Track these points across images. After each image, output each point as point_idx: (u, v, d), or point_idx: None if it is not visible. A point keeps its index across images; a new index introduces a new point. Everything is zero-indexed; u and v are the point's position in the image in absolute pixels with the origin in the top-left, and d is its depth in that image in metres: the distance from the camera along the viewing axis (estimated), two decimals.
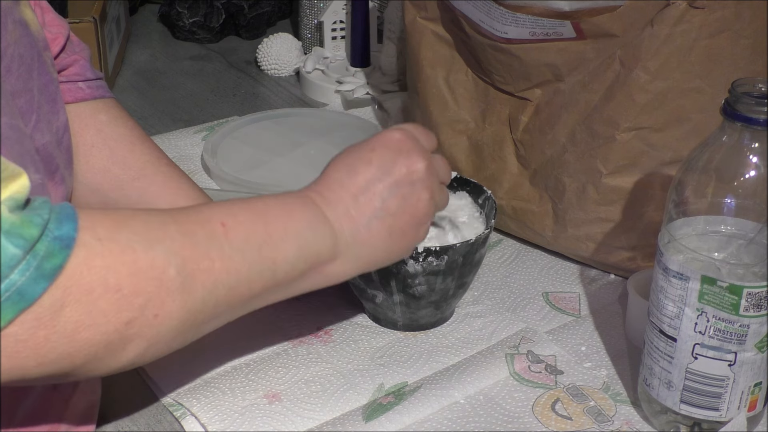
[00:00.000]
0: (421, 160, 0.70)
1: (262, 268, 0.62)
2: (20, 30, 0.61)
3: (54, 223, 0.50)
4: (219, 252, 0.59)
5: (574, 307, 0.88)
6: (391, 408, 0.74)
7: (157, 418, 0.75)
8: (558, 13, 0.83)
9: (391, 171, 0.69)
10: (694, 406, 0.69)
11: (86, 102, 0.80)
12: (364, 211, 0.68)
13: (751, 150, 0.64)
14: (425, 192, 0.70)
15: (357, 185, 0.68)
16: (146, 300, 0.54)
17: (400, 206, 0.69)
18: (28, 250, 0.48)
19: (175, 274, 0.56)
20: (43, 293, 0.49)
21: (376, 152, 0.69)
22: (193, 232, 0.58)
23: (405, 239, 0.70)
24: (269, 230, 0.63)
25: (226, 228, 0.60)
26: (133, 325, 0.54)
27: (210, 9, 1.49)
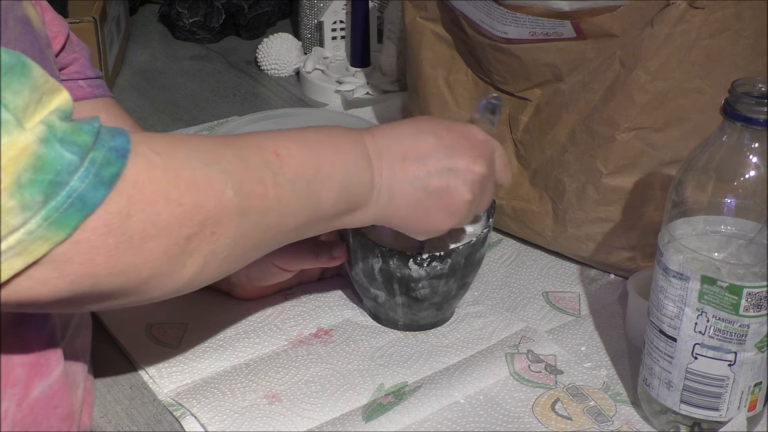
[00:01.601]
0: (485, 166, 0.71)
1: (308, 202, 0.63)
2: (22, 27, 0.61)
3: (106, 134, 0.51)
4: (272, 179, 0.60)
5: (574, 307, 0.88)
6: (391, 408, 0.74)
7: (157, 418, 0.75)
8: (558, 13, 0.83)
9: (453, 157, 0.69)
10: (694, 406, 0.69)
11: (87, 101, 0.80)
12: (407, 173, 0.68)
13: (751, 150, 0.64)
14: (469, 194, 0.70)
15: (415, 150, 0.69)
16: (206, 217, 0.55)
17: (440, 191, 0.69)
18: (84, 156, 0.49)
19: (233, 195, 0.57)
20: (104, 200, 0.50)
21: (452, 134, 0.70)
22: (247, 156, 0.60)
23: (427, 220, 0.71)
24: (320, 165, 0.64)
25: (280, 158, 0.61)
26: (192, 240, 0.55)
27: (210, 9, 1.49)
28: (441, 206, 0.70)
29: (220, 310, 0.85)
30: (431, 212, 0.70)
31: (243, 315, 0.85)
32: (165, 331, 0.83)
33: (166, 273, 0.55)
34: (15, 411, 0.57)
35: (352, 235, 0.79)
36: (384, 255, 0.77)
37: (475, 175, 0.70)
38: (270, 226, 0.61)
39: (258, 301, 0.87)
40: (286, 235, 0.64)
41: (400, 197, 0.69)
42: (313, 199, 0.64)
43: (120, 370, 0.79)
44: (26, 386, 0.58)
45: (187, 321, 0.84)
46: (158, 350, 0.81)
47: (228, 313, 0.85)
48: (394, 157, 0.68)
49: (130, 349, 0.81)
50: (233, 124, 1.18)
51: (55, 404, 0.60)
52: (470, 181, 0.70)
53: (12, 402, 0.57)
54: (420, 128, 0.70)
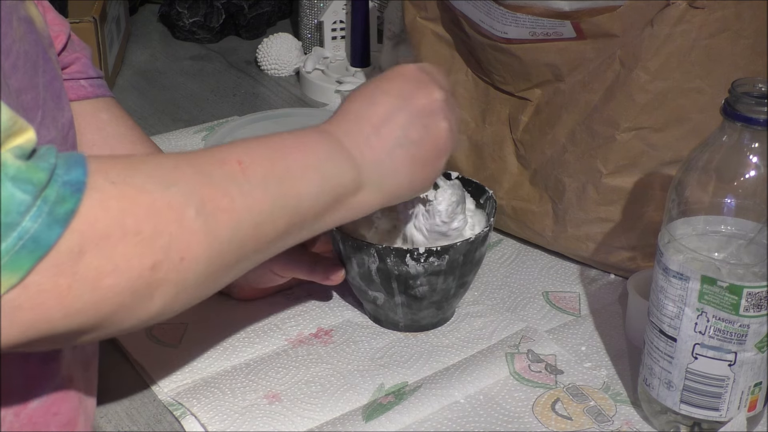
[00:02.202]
0: (439, 90, 0.70)
1: (284, 203, 0.60)
2: (25, 27, 0.61)
3: (62, 168, 0.49)
4: (238, 189, 0.57)
5: (574, 306, 0.88)
6: (391, 408, 0.74)
7: (157, 418, 0.75)
8: (558, 13, 0.83)
9: (411, 100, 0.69)
10: (694, 406, 0.69)
11: (88, 100, 0.80)
12: (386, 140, 0.67)
13: (751, 150, 0.64)
14: (445, 121, 0.70)
15: (377, 115, 0.67)
16: (169, 241, 0.52)
17: (422, 135, 0.68)
18: (37, 195, 0.47)
19: (195, 214, 0.54)
20: (59, 239, 0.48)
21: (394, 82, 0.69)
22: (208, 171, 0.57)
23: (426, 169, 0.70)
24: (288, 164, 0.61)
25: (243, 166, 0.58)
26: (158, 269, 0.52)
27: (210, 9, 1.49)
28: (431, 147, 0.69)
29: (220, 310, 0.85)
30: (426, 158, 0.69)
31: (243, 315, 0.85)
32: (165, 331, 0.83)
33: (132, 307, 0.52)
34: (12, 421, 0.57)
35: (342, 240, 0.79)
36: (380, 253, 0.77)
37: (438, 102, 0.70)
38: (246, 238, 0.58)
39: (258, 302, 0.87)
40: (273, 243, 0.61)
41: (393, 165, 0.67)
42: (290, 199, 0.61)
43: (120, 370, 0.79)
44: (25, 397, 0.58)
45: (187, 321, 0.84)
46: (158, 350, 0.81)
47: (228, 313, 0.85)
48: (366, 133, 0.67)
49: (131, 349, 0.81)
50: (233, 124, 1.18)
51: (54, 411, 0.60)
52: (438, 109, 0.69)
53: (9, 412, 0.57)
54: (365, 95, 0.69)
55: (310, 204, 0.62)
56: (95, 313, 0.51)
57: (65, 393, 0.61)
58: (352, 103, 0.69)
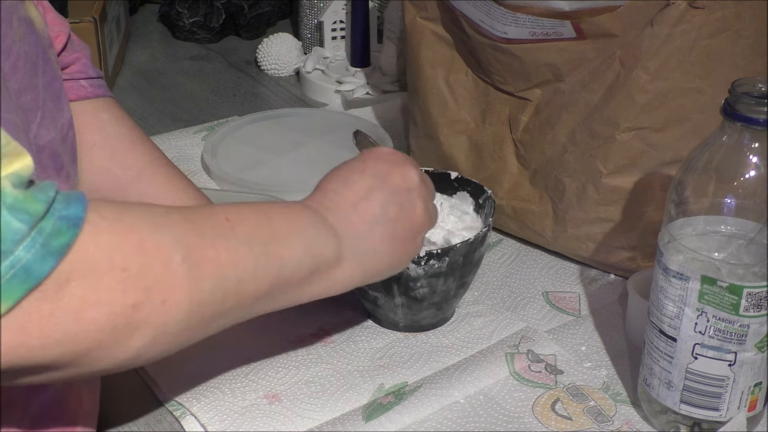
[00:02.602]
0: (414, 169, 0.71)
1: (268, 263, 0.61)
2: (25, 28, 0.61)
3: (61, 203, 0.49)
4: (225, 243, 0.58)
5: (574, 306, 0.88)
6: (391, 408, 0.74)
7: (157, 418, 0.75)
8: (558, 13, 0.83)
9: (387, 179, 0.70)
10: (694, 406, 0.69)
11: (88, 100, 0.80)
12: (364, 217, 0.68)
13: (751, 150, 0.64)
14: (420, 200, 0.71)
15: (355, 194, 0.68)
16: (153, 283, 0.53)
17: (399, 213, 0.69)
18: (33, 225, 0.47)
19: (181, 261, 0.54)
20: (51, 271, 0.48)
21: (368, 163, 0.70)
22: (197, 221, 0.58)
23: (405, 246, 0.71)
24: (273, 227, 0.62)
25: (231, 222, 0.59)
26: (140, 309, 0.52)
27: (210, 9, 1.49)
28: (408, 225, 0.70)
29: None
30: (405, 236, 0.70)
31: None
32: None
33: (109, 345, 0.52)
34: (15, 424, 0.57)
35: None
36: None
37: (413, 182, 0.71)
38: (228, 293, 0.58)
39: None
40: (252, 304, 0.61)
41: (373, 242, 0.68)
42: (274, 261, 0.61)
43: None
44: (25, 404, 0.58)
45: None
46: None
47: None
48: (345, 211, 0.68)
49: None
50: (233, 124, 1.18)
51: (55, 416, 0.60)
52: (413, 189, 0.71)
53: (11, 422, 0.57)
54: (342, 175, 0.70)
55: (293, 269, 0.63)
56: (73, 346, 0.50)
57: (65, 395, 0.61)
58: (328, 183, 0.70)
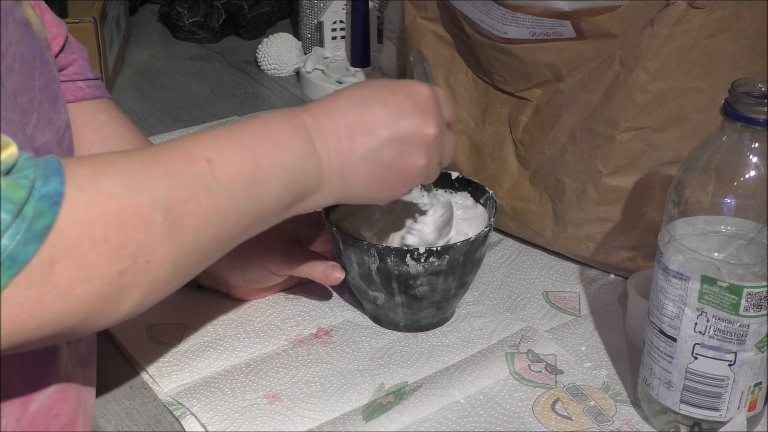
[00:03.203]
0: (435, 126, 0.68)
1: (249, 204, 0.60)
2: (22, 29, 0.61)
3: (40, 180, 0.49)
4: (206, 191, 0.57)
5: (574, 306, 0.88)
6: (391, 408, 0.74)
7: (157, 418, 0.75)
8: (558, 13, 0.83)
9: (402, 122, 0.66)
10: (694, 406, 0.69)
11: (86, 102, 0.80)
12: (356, 148, 0.66)
13: (751, 150, 0.64)
14: (423, 158, 0.68)
15: (361, 122, 0.66)
16: (136, 248, 0.52)
17: (393, 161, 0.67)
18: (16, 213, 0.47)
19: (162, 219, 0.54)
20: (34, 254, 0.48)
21: (396, 96, 0.67)
22: (177, 171, 0.56)
23: (383, 189, 0.69)
24: (257, 164, 0.61)
25: (212, 164, 0.58)
26: (126, 274, 0.52)
27: (210, 9, 1.49)
28: (396, 175, 0.68)
29: (220, 310, 0.85)
30: (387, 182, 0.68)
31: (243, 315, 0.85)
32: (165, 331, 0.83)
33: (102, 312, 0.53)
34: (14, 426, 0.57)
35: (342, 240, 0.79)
36: (380, 253, 0.77)
37: (427, 138, 0.67)
38: (211, 238, 0.58)
39: (258, 301, 0.87)
40: (233, 239, 0.61)
41: (353, 175, 0.66)
42: (254, 201, 0.61)
43: (120, 370, 0.79)
44: (25, 401, 0.58)
45: (187, 321, 0.84)
46: (158, 350, 0.81)
47: (228, 313, 0.85)
48: (340, 135, 0.65)
49: (130, 349, 0.81)
50: None
51: (55, 413, 0.60)
52: (423, 144, 0.67)
53: (11, 419, 0.57)
54: (364, 96, 0.66)
55: (272, 203, 0.62)
56: (68, 321, 0.51)
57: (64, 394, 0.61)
58: (345, 96, 0.67)
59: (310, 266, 0.81)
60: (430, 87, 0.69)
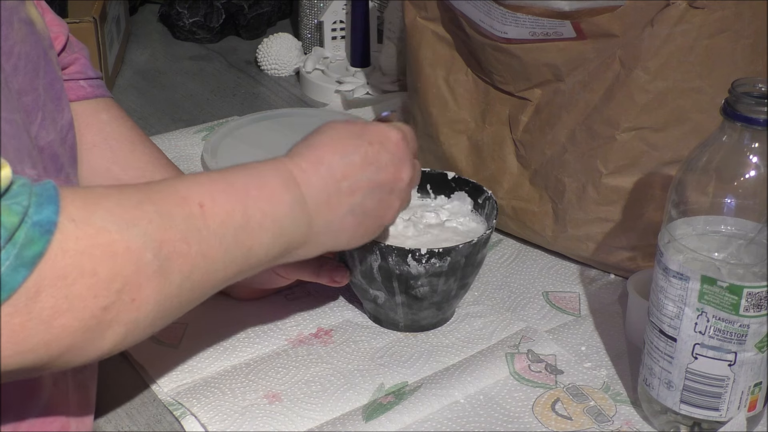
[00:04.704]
0: (409, 171, 0.72)
1: (237, 253, 0.61)
2: (26, 29, 0.61)
3: (33, 207, 0.49)
4: (196, 235, 0.57)
5: (574, 306, 0.88)
6: (392, 408, 0.74)
7: (157, 418, 0.75)
8: (558, 13, 0.83)
9: (380, 173, 0.70)
10: (694, 406, 0.69)
11: (88, 101, 0.80)
12: (342, 204, 0.68)
13: (751, 150, 0.64)
14: (398, 201, 0.72)
15: (345, 175, 0.68)
16: (123, 284, 0.52)
17: (374, 208, 0.70)
18: (8, 239, 0.47)
19: (152, 258, 0.54)
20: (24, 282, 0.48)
21: (373, 147, 0.70)
22: (169, 213, 0.56)
23: (365, 235, 0.72)
24: (247, 215, 0.61)
25: (204, 210, 0.58)
26: (110, 310, 0.52)
27: (210, 9, 1.49)
28: (377, 220, 0.71)
29: (220, 310, 0.85)
30: (369, 228, 0.71)
31: (243, 315, 0.85)
32: (165, 331, 0.82)
33: (82, 346, 0.52)
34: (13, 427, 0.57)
35: None
36: (382, 252, 0.77)
37: (402, 183, 0.72)
38: (197, 283, 0.58)
39: (258, 301, 0.87)
40: (218, 285, 0.61)
41: (341, 228, 0.69)
42: (243, 250, 0.61)
43: (120, 370, 0.79)
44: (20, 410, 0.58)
45: (187, 321, 0.84)
46: (158, 350, 0.81)
47: (228, 313, 0.85)
48: (329, 192, 0.67)
49: (130, 349, 0.81)
50: (233, 124, 1.18)
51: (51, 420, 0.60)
52: (398, 189, 0.72)
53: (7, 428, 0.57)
54: (345, 147, 0.69)
55: (261, 255, 0.63)
56: (46, 351, 0.51)
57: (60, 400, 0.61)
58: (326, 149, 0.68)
59: (317, 269, 0.81)
60: (398, 130, 0.72)
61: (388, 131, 0.72)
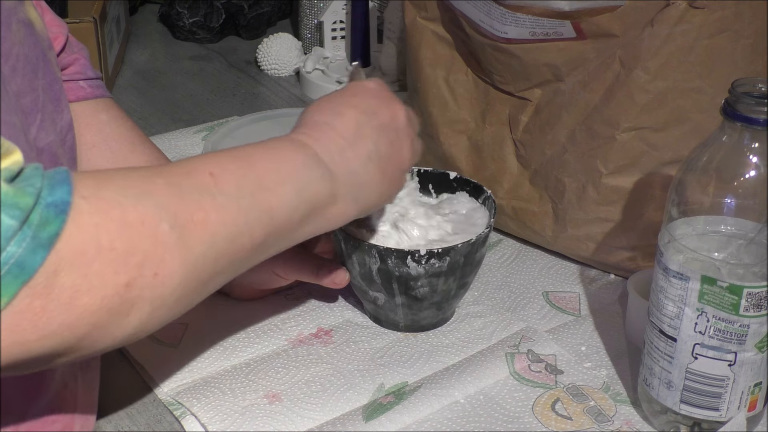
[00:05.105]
0: (401, 107, 0.72)
1: (259, 214, 0.59)
2: (25, 30, 0.61)
3: (46, 189, 0.48)
4: (211, 202, 0.56)
5: (574, 306, 0.88)
6: (392, 408, 0.74)
7: (157, 418, 0.75)
8: (558, 13, 0.83)
9: (377, 115, 0.70)
10: (694, 406, 0.69)
11: (87, 101, 0.80)
12: (359, 153, 0.67)
13: (751, 150, 0.64)
14: (407, 138, 0.72)
15: (347, 127, 0.68)
16: (143, 258, 0.51)
17: (389, 150, 0.70)
18: (23, 220, 0.46)
19: (169, 229, 0.52)
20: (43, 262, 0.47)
21: (358, 97, 0.70)
22: (180, 183, 0.56)
23: (392, 183, 0.71)
24: (260, 175, 0.60)
25: (215, 177, 0.57)
26: (133, 286, 0.51)
27: (210, 9, 1.49)
28: (397, 163, 0.71)
29: (220, 310, 0.85)
30: (393, 173, 0.71)
31: (243, 315, 0.85)
32: (165, 331, 0.83)
33: (107, 326, 0.51)
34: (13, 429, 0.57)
35: (344, 240, 0.79)
36: (381, 254, 0.77)
37: (401, 120, 0.71)
38: (222, 252, 0.56)
39: (258, 301, 0.87)
40: (249, 255, 0.60)
41: (366, 178, 0.68)
42: (265, 210, 0.59)
43: (120, 370, 0.79)
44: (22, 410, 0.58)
45: (187, 321, 0.84)
46: (158, 350, 0.81)
47: (228, 313, 0.85)
48: (338, 144, 0.66)
49: (131, 348, 0.81)
50: (233, 124, 1.18)
51: (53, 419, 0.60)
52: (402, 127, 0.71)
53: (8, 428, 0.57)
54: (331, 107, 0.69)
55: (287, 214, 0.62)
56: (70, 333, 0.50)
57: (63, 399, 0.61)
58: (319, 114, 0.68)
59: (316, 270, 0.81)
60: (373, 80, 0.74)
61: (363, 82, 0.73)
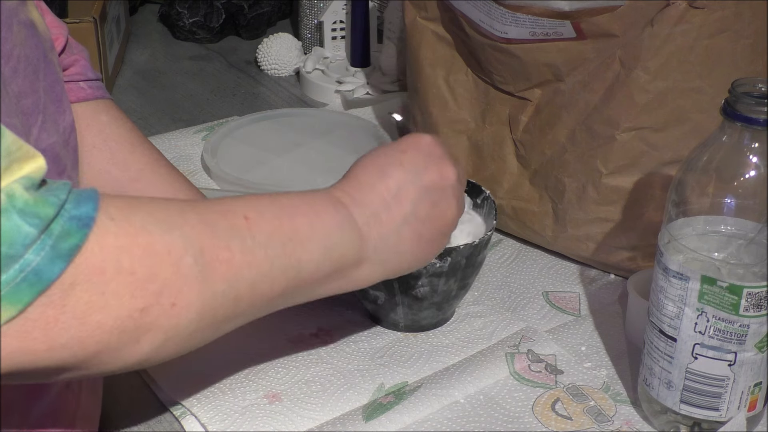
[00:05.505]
0: (452, 166, 0.69)
1: (285, 265, 0.59)
2: (26, 31, 0.61)
3: (71, 203, 0.48)
4: (240, 244, 0.56)
5: (574, 306, 0.88)
6: (392, 408, 0.74)
7: (157, 417, 0.75)
8: (558, 13, 0.83)
9: (423, 175, 0.68)
10: (694, 406, 0.69)
11: (87, 102, 0.80)
12: (394, 216, 0.66)
13: (751, 150, 0.64)
14: (454, 199, 0.69)
15: (388, 188, 0.66)
16: (162, 286, 0.51)
17: (430, 213, 0.68)
18: (43, 229, 0.46)
19: (193, 263, 0.53)
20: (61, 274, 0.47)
21: (407, 154, 0.68)
22: (213, 221, 0.56)
23: (431, 247, 0.70)
24: (295, 227, 0.60)
25: (249, 221, 0.57)
26: (148, 312, 0.51)
27: (210, 9, 1.49)
28: (438, 225, 0.69)
29: None
30: (432, 237, 0.69)
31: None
32: None
33: (117, 348, 0.51)
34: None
35: None
36: None
37: (450, 179, 0.69)
38: (242, 295, 0.57)
39: None
40: (268, 303, 0.60)
41: (399, 243, 0.67)
42: (292, 263, 0.59)
43: None
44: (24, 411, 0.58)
45: None
46: None
47: None
48: (375, 206, 0.66)
49: None
50: (233, 124, 1.18)
51: (54, 420, 0.60)
52: (449, 186, 0.69)
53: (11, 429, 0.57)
54: (378, 165, 0.68)
55: (311, 271, 0.62)
56: (80, 349, 0.50)
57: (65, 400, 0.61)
58: (363, 170, 0.68)
59: None
60: (429, 134, 0.71)
61: (416, 136, 0.71)
